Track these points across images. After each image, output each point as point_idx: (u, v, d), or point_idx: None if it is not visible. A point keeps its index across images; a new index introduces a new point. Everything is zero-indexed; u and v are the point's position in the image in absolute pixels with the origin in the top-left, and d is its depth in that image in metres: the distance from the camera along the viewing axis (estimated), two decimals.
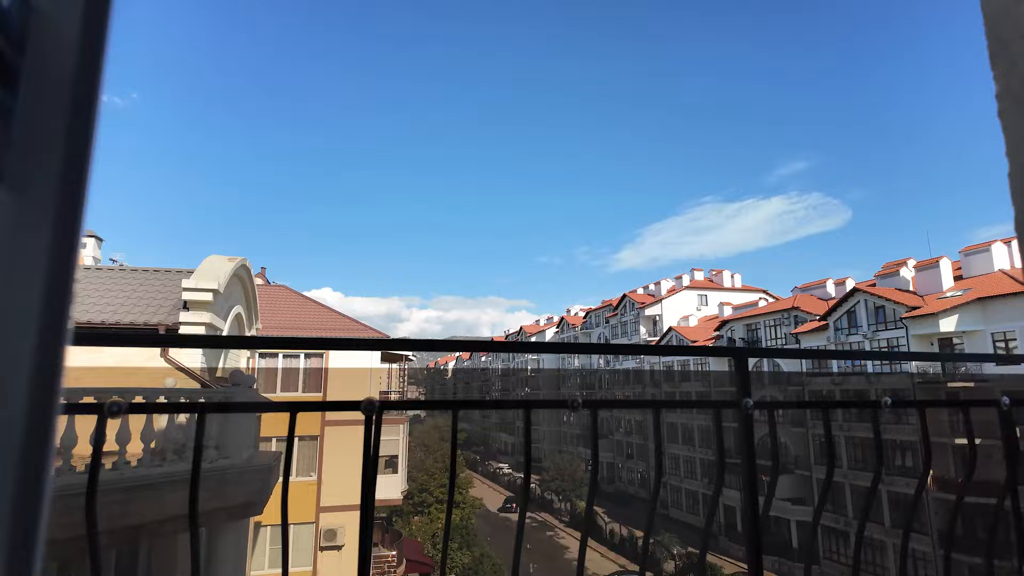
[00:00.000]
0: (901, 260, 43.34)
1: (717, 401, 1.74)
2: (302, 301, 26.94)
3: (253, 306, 16.07)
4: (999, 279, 35.06)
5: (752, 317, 51.45)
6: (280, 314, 24.96)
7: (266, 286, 29.14)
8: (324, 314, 25.74)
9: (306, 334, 23.56)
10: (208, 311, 11.06)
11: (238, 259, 13.03)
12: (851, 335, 40.23)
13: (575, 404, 1.51)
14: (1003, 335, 32.73)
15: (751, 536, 1.65)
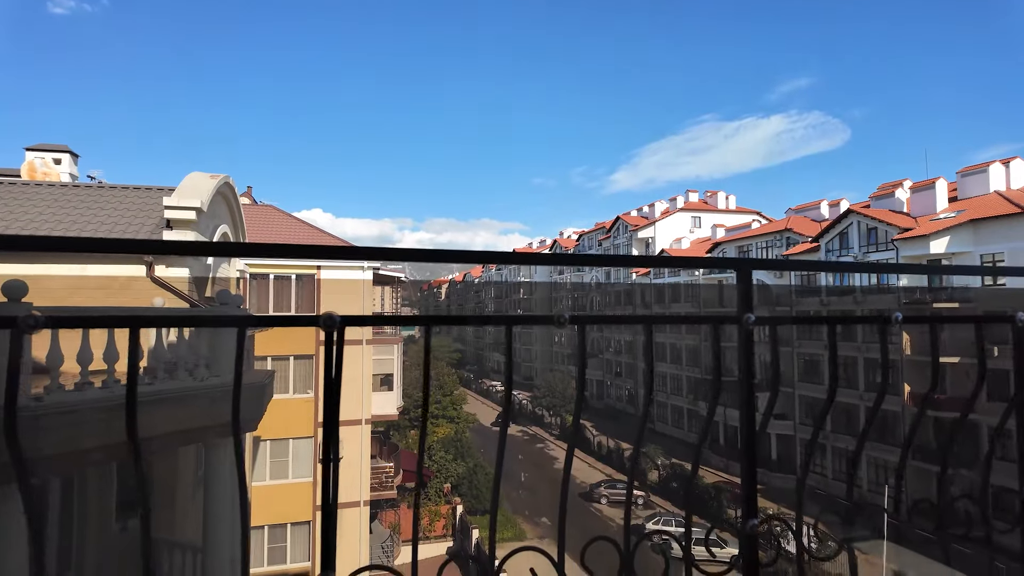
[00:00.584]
0: (897, 181, 42.88)
1: (715, 316, 1.60)
2: (290, 221, 26.52)
3: (240, 225, 15.75)
4: (994, 201, 34.86)
5: (744, 239, 51.44)
6: (268, 234, 24.60)
7: (252, 206, 28.56)
8: (313, 234, 25.40)
9: None
10: (192, 230, 10.79)
11: (221, 176, 12.59)
12: (842, 256, 40.43)
13: (561, 320, 1.36)
14: (992, 256, 32.95)
15: (748, 456, 1.57)
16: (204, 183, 11.59)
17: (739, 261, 1.52)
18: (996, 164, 36.80)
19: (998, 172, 36.70)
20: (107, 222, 10.72)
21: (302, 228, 26.02)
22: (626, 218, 76.31)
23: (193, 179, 11.69)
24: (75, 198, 11.62)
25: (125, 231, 10.49)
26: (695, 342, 56.88)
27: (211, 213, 12.73)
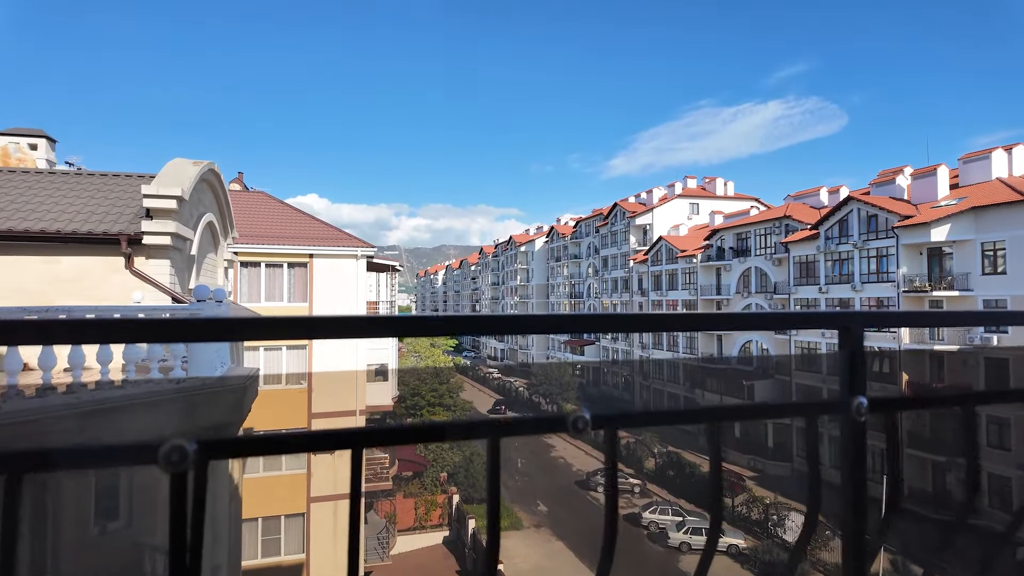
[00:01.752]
0: (898, 168, 42.43)
1: (810, 404, 1.10)
2: (282, 208, 25.94)
3: (227, 213, 15.23)
4: (996, 188, 34.45)
5: (743, 226, 50.99)
6: (259, 221, 24.04)
7: (244, 192, 27.94)
8: (305, 221, 24.84)
9: (287, 242, 22.82)
10: (173, 219, 10.30)
11: (205, 163, 12.07)
12: (841, 244, 40.06)
13: (580, 423, 0.84)
14: (992, 245, 32.64)
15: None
16: (186, 170, 11.08)
17: (845, 316, 1.06)
18: (998, 151, 36.34)
19: (1000, 159, 36.26)
20: (83, 211, 10.22)
21: (293, 215, 25.46)
22: (624, 204, 75.70)
23: (175, 166, 11.17)
24: (50, 185, 11.09)
25: (102, 220, 9.99)
26: None
27: (195, 201, 12.23)
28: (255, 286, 23.03)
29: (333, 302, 23.47)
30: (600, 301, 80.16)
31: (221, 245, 14.97)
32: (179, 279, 11.15)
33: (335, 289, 23.45)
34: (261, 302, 22.98)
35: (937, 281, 34.85)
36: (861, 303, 38.75)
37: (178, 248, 10.80)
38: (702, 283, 55.38)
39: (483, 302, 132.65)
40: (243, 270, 22.85)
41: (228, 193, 14.86)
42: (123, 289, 9.99)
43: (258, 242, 22.64)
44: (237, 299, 22.54)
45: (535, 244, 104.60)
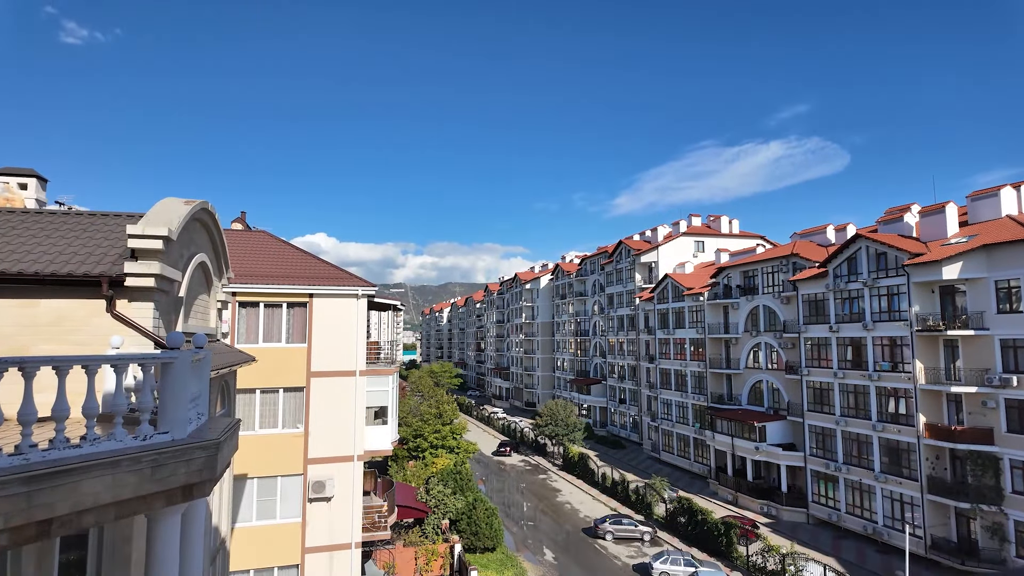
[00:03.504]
0: (905, 206, 42.11)
1: None
2: (283, 247, 25.65)
3: (222, 253, 14.84)
4: (1007, 225, 33.95)
5: (749, 264, 50.49)
6: (259, 261, 23.72)
7: (245, 232, 27.76)
8: (306, 261, 24.49)
9: (286, 282, 22.42)
10: (160, 260, 9.87)
11: (197, 202, 11.72)
12: (851, 282, 39.40)
13: None
14: (1007, 283, 31.93)
15: None
16: (176, 209, 10.71)
17: None
18: (1007, 188, 35.99)
19: (1009, 196, 35.87)
20: (66, 251, 9.81)
21: (294, 254, 25.15)
22: (628, 242, 75.56)
23: (164, 205, 10.82)
24: (35, 225, 10.73)
25: (84, 261, 9.57)
26: (701, 369, 55.59)
27: (186, 241, 11.84)
28: (253, 327, 22.53)
29: (333, 342, 22.93)
30: (606, 339, 79.23)
31: (215, 286, 14.55)
32: (165, 322, 10.66)
33: (335, 329, 22.92)
34: (259, 343, 22.45)
35: (951, 320, 34.03)
36: (873, 342, 37.81)
37: (164, 290, 10.35)
38: (709, 321, 54.56)
39: (488, 340, 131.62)
40: (241, 311, 22.40)
41: (223, 233, 14.51)
42: (104, 334, 9.51)
43: (257, 282, 22.26)
44: (234, 340, 22.03)
45: (540, 282, 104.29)
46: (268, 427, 22.44)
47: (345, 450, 22.83)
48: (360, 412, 23.02)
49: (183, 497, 6.36)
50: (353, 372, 22.96)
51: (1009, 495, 31.09)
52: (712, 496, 48.59)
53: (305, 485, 22.33)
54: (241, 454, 22.01)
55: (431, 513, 34.11)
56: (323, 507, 22.51)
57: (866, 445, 38.32)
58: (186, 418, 6.67)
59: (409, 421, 51.13)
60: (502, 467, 62.62)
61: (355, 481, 22.85)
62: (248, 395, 22.13)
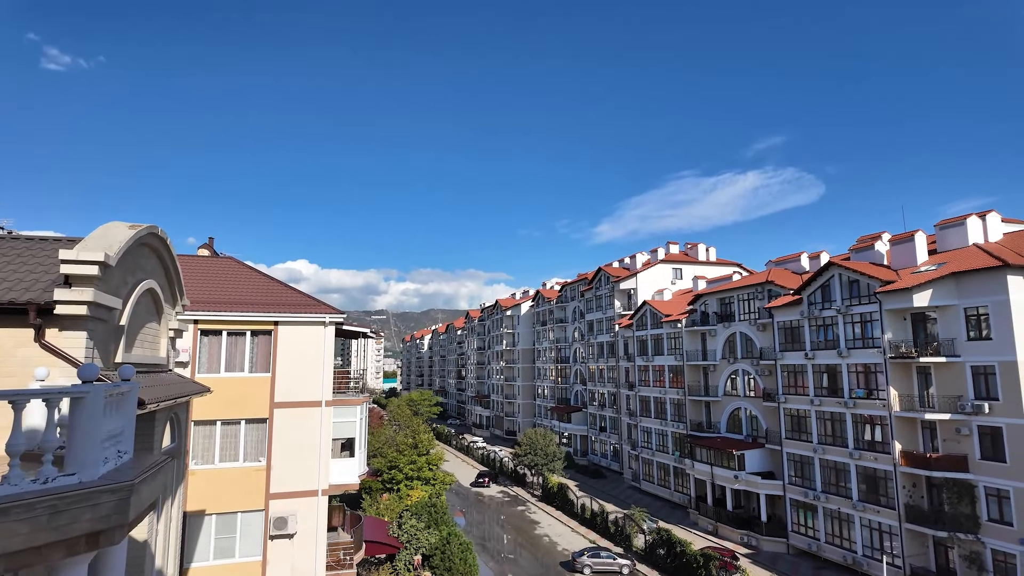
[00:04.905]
0: (876, 234, 42.79)
1: None
2: (249, 274, 25.05)
3: (175, 280, 14.32)
4: (974, 253, 34.56)
5: (726, 291, 50.75)
6: (223, 288, 23.09)
7: (211, 258, 27.13)
8: (272, 287, 23.90)
9: (251, 309, 21.80)
10: (96, 287, 9.38)
11: (143, 226, 11.27)
12: (825, 309, 39.68)
13: None
14: (976, 310, 32.33)
15: None
16: (117, 234, 10.25)
17: None
18: (973, 217, 36.76)
19: (975, 225, 36.62)
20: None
21: (260, 281, 24.56)
22: (608, 269, 75.81)
23: (105, 229, 10.36)
24: None
25: (12, 288, 9.06)
26: (680, 396, 55.34)
27: (131, 267, 11.35)
28: (215, 356, 21.80)
29: (298, 371, 22.25)
30: (587, 366, 78.81)
31: (166, 314, 13.99)
32: (102, 352, 10.11)
33: (301, 358, 22.27)
34: (221, 372, 21.69)
35: (923, 347, 34.29)
36: (848, 369, 37.93)
37: (101, 318, 9.83)
38: (687, 348, 54.54)
39: (469, 367, 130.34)
40: (203, 339, 21.70)
41: (177, 259, 14.00)
42: (33, 365, 8.94)
43: (220, 309, 21.63)
44: (195, 370, 21.28)
45: (521, 308, 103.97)
46: (229, 460, 21.56)
47: (309, 484, 21.98)
48: (326, 444, 22.25)
49: (88, 547, 5.81)
50: (319, 402, 22.25)
51: (985, 523, 30.98)
52: (692, 526, 47.87)
53: (267, 521, 21.38)
54: (199, 489, 21.12)
55: (403, 549, 33.01)
56: (285, 545, 21.54)
57: (844, 473, 38.13)
58: (98, 458, 6.15)
59: (384, 452, 49.90)
60: (480, 499, 61.29)
61: (319, 517, 21.95)
62: (208, 427, 21.31)
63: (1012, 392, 30.31)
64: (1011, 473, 30.09)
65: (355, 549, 24.81)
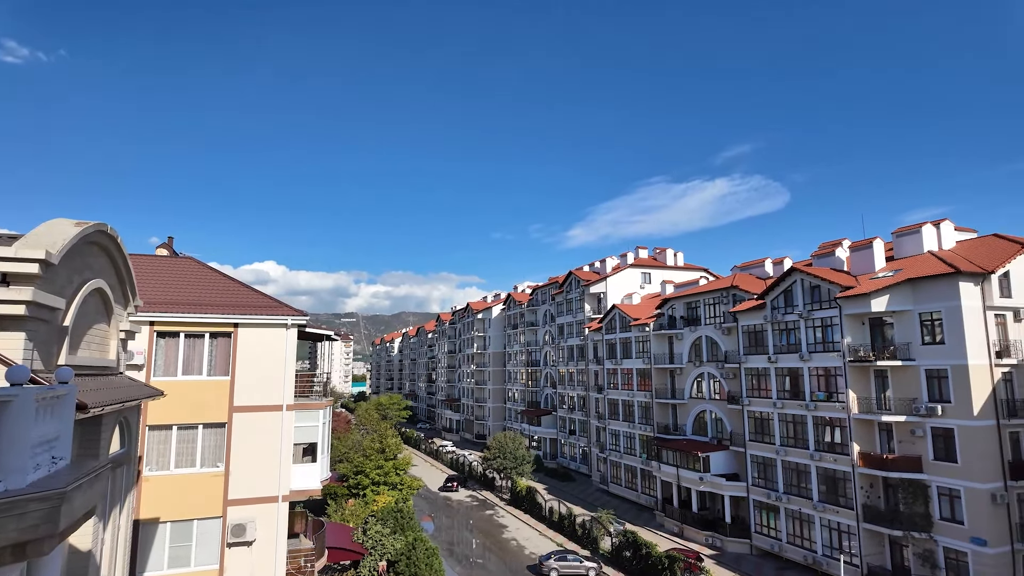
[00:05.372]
0: (837, 241, 43.91)
1: None
2: (209, 275, 24.42)
3: (127, 280, 13.86)
4: (928, 260, 35.75)
5: (692, 296, 51.50)
6: (181, 289, 22.46)
7: (170, 258, 26.38)
8: (233, 288, 23.34)
9: (210, 310, 21.24)
10: (37, 286, 9.00)
11: (91, 224, 10.87)
12: (787, 314, 40.55)
13: None
14: (930, 315, 33.41)
15: None
16: (62, 231, 9.87)
17: None
18: (928, 225, 38.02)
19: (930, 233, 37.89)
20: None
21: (220, 281, 23.98)
22: (578, 273, 76.26)
23: (49, 226, 9.97)
24: None
25: None
26: (647, 399, 55.90)
27: (77, 266, 10.94)
28: (172, 358, 21.17)
29: (259, 374, 21.75)
30: (557, 369, 79.06)
31: (116, 315, 13.51)
32: (43, 354, 9.70)
33: (261, 360, 21.77)
34: (177, 376, 21.08)
35: (881, 351, 35.28)
36: (809, 372, 38.83)
37: (42, 319, 9.43)
38: (655, 351, 55.14)
39: (439, 371, 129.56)
40: (160, 341, 21.07)
41: (128, 258, 13.56)
42: None
43: (178, 310, 21.03)
44: (150, 373, 20.65)
45: (492, 311, 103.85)
46: (185, 466, 20.94)
47: (269, 490, 21.48)
48: (287, 449, 21.78)
49: (13, 558, 5.53)
50: (280, 406, 21.78)
51: (938, 522, 31.97)
52: (659, 528, 48.33)
53: (224, 529, 20.82)
54: (153, 496, 20.45)
55: (367, 555, 32.53)
56: (244, 552, 21.01)
57: (805, 474, 38.96)
58: (27, 465, 5.87)
59: (351, 457, 49.24)
60: (448, 503, 60.88)
61: (280, 523, 21.47)
62: (163, 432, 20.68)
63: (963, 395, 31.38)
64: (962, 473, 31.14)
65: (317, 556, 24.36)
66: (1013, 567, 30.07)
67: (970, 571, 30.43)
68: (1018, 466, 31.07)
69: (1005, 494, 30.35)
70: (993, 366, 31.87)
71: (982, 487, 30.39)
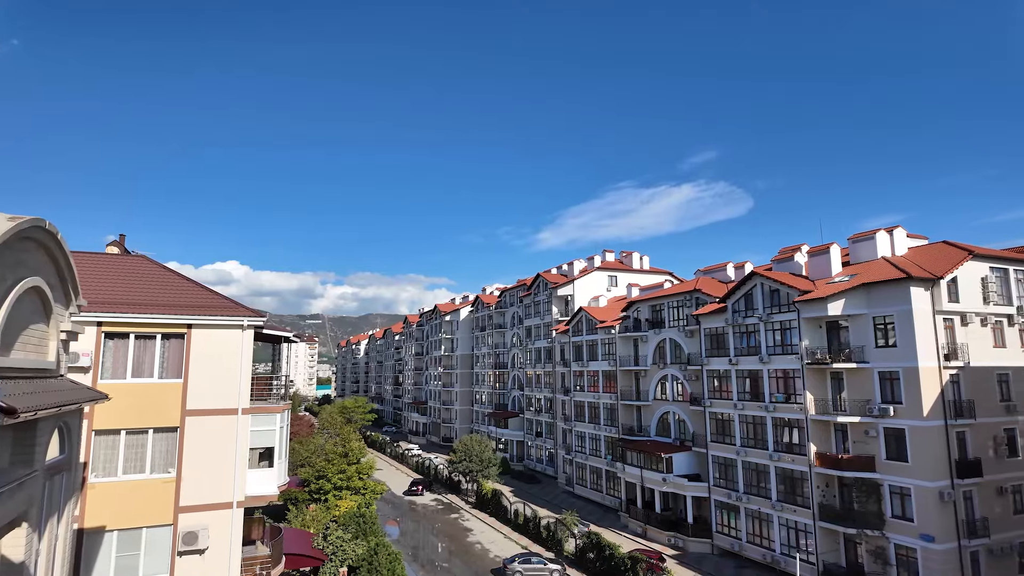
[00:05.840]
0: (796, 246, 45.00)
1: None
2: (163, 273, 23.60)
3: (68, 278, 13.26)
4: (882, 266, 36.90)
5: (657, 299, 52.14)
6: (133, 288, 21.66)
7: (121, 256, 25.40)
8: (187, 287, 22.60)
9: (162, 311, 20.52)
10: None
11: (25, 218, 10.33)
12: (748, 317, 41.36)
13: None
14: (883, 319, 34.46)
15: None
16: None
17: None
18: (881, 232, 39.28)
19: (884, 239, 39.14)
20: None
21: (174, 281, 23.20)
22: (546, 276, 76.51)
23: None
24: None
25: None
26: (613, 401, 56.32)
27: (9, 262, 10.39)
28: (121, 360, 20.38)
29: (213, 377, 21.11)
30: (524, 371, 79.12)
31: (56, 314, 12.90)
32: None
33: (216, 363, 21.14)
34: (127, 378, 20.31)
35: (837, 353, 36.24)
36: (769, 375, 39.66)
37: None
38: (620, 354, 55.63)
39: (406, 373, 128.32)
40: (108, 342, 20.27)
41: (70, 255, 12.97)
42: None
43: (128, 310, 20.27)
44: (97, 376, 19.85)
45: (460, 313, 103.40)
46: (134, 472, 20.17)
47: (224, 496, 20.85)
48: (242, 454, 21.19)
49: None
50: (235, 410, 21.18)
51: (889, 519, 32.95)
52: (623, 529, 48.71)
53: (175, 536, 20.12)
54: (100, 504, 19.64)
55: (327, 561, 31.91)
56: (195, 561, 20.34)
57: (764, 475, 39.75)
58: None
59: (313, 461, 48.33)
60: (413, 507, 60.26)
61: (234, 530, 20.86)
62: (111, 437, 19.90)
63: (913, 396, 32.45)
64: (912, 472, 32.18)
65: (273, 563, 23.76)
66: (960, 563, 31.18)
67: (919, 567, 31.45)
68: (964, 465, 32.26)
69: (952, 492, 31.46)
70: (942, 368, 33.03)
71: (931, 485, 31.45)
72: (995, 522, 32.43)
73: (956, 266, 34.31)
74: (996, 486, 33.17)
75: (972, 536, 31.60)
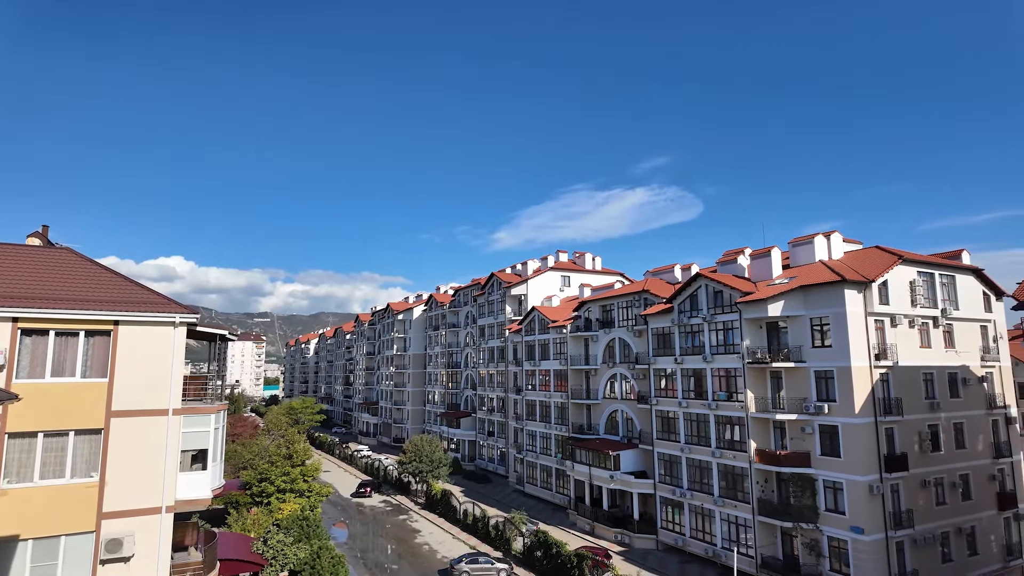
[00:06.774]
0: (739, 249, 46.33)
1: None
2: (89, 267, 22.33)
3: None
4: (819, 269, 38.38)
5: (607, 299, 52.83)
6: (55, 282, 20.41)
7: (43, 249, 23.88)
8: (115, 282, 21.44)
9: (86, 306, 19.42)
10: None
11: None
12: (692, 317, 42.35)
13: None
14: (819, 320, 35.84)
15: None
16: None
17: None
18: (819, 236, 40.88)
19: (821, 243, 40.75)
20: None
21: (101, 275, 21.99)
22: (500, 275, 76.50)
23: None
24: None
25: None
26: (563, 400, 56.77)
27: None
28: (39, 358, 19.17)
29: (142, 376, 20.11)
30: (477, 371, 78.87)
31: None
32: None
33: (145, 361, 20.14)
34: (46, 378, 19.11)
35: (776, 353, 37.48)
36: (712, 373, 40.71)
37: None
38: (572, 353, 56.11)
39: (357, 373, 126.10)
40: (25, 339, 19.03)
41: None
42: None
43: (48, 305, 19.11)
44: (11, 375, 18.61)
45: (413, 312, 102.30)
46: (53, 477, 19.01)
47: (152, 501, 19.89)
48: (172, 457, 20.26)
49: None
50: (166, 410, 20.24)
51: (823, 513, 34.31)
52: (571, 527, 49.12)
53: (97, 544, 19.07)
54: (13, 511, 18.40)
55: (267, 566, 30.96)
56: (120, 569, 19.32)
57: (707, 471, 40.77)
58: None
59: (255, 464, 46.80)
60: (361, 509, 59.21)
61: (163, 536, 19.92)
62: (27, 440, 18.69)
63: (846, 394, 33.88)
64: (844, 467, 33.59)
65: (207, 569, 22.87)
66: (887, 552, 32.73)
67: (850, 558, 32.85)
68: (891, 459, 33.89)
69: (880, 485, 32.98)
70: (872, 368, 34.59)
71: (861, 479, 32.89)
72: (919, 513, 34.20)
73: (887, 270, 35.99)
74: (920, 479, 34.97)
75: (898, 527, 33.22)
